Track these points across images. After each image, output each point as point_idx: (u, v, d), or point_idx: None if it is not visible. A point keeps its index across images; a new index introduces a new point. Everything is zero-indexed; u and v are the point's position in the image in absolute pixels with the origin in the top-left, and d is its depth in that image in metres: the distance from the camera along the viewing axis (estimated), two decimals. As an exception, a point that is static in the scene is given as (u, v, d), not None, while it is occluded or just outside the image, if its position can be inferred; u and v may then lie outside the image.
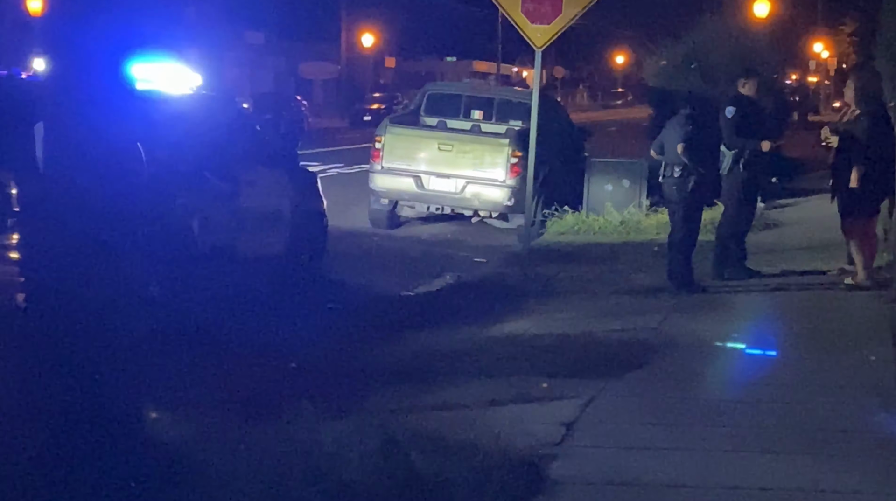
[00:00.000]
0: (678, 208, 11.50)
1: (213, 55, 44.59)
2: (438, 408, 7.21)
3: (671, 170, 11.42)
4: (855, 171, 11.08)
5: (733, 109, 11.91)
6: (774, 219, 17.43)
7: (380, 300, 11.59)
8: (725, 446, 6.58)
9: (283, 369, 8.28)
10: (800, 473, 6.11)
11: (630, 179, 17.73)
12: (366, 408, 7.01)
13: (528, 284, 12.01)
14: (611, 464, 6.24)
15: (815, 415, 7.27)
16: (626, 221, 16.91)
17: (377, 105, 51.98)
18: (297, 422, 6.28)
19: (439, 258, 14.86)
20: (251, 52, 60.18)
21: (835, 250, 12.56)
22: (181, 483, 5.40)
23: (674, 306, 10.78)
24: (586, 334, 9.39)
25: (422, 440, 6.21)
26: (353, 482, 5.52)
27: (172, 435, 5.93)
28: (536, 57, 12.61)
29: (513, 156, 16.61)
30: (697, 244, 11.73)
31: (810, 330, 9.95)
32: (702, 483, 5.99)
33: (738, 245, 12.24)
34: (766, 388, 7.98)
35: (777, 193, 19.96)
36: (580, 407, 7.29)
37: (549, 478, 5.94)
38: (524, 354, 8.71)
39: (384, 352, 8.91)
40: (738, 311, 10.79)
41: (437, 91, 19.83)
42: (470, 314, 10.55)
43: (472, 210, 17.37)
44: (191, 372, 7.76)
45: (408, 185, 17.07)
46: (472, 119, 18.68)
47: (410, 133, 17.62)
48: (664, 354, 8.86)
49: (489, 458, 5.96)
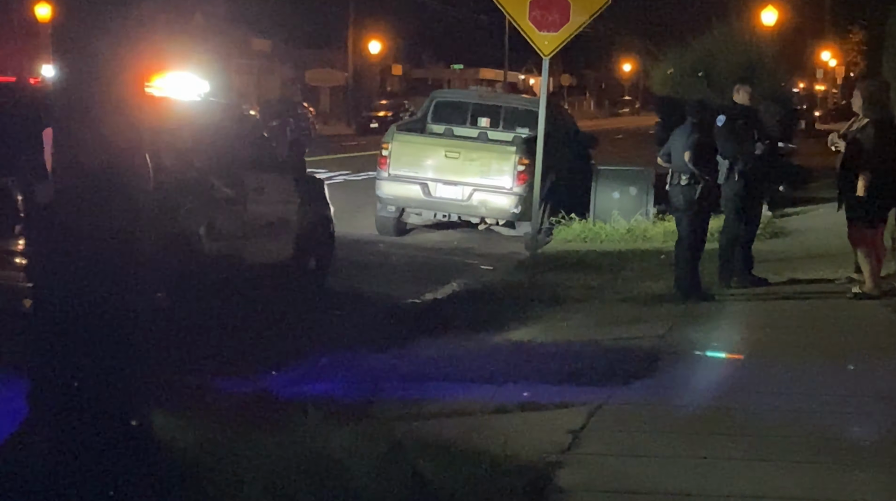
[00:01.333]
0: (685, 216, 11.49)
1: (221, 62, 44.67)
2: (445, 415, 7.19)
3: (678, 178, 11.43)
4: (861, 180, 11.08)
5: (723, 118, 12.01)
6: (782, 227, 17.41)
7: (387, 306, 11.59)
8: (733, 454, 6.56)
9: (290, 375, 8.28)
10: (806, 482, 6.08)
11: (637, 187, 17.75)
12: (372, 415, 7.01)
13: (534, 292, 12.00)
14: (618, 472, 6.22)
15: (823, 424, 7.25)
16: (633, 229, 16.92)
17: (384, 112, 52.06)
18: (304, 428, 6.28)
19: (446, 265, 14.87)
20: (258, 59, 60.31)
21: (842, 259, 12.55)
22: (187, 489, 5.40)
23: (681, 314, 10.77)
24: (593, 342, 9.38)
25: (428, 446, 6.20)
26: (360, 488, 5.52)
27: (178, 441, 5.93)
28: (544, 65, 12.59)
29: (520, 164, 16.62)
30: (704, 252, 11.72)
31: (818, 339, 9.93)
32: (709, 491, 5.97)
33: (744, 253, 12.25)
34: (773, 397, 7.95)
35: (784, 201, 19.95)
36: (587, 414, 7.27)
37: (556, 485, 5.92)
38: (531, 361, 8.70)
39: (389, 359, 8.90)
40: (745, 319, 10.77)
41: (444, 98, 19.86)
42: (477, 321, 10.54)
43: (478, 217, 17.39)
44: (196, 377, 7.77)
45: (415, 192, 17.09)
46: (479, 126, 18.71)
47: (417, 140, 17.64)
48: (671, 362, 8.85)
49: (496, 465, 5.96)
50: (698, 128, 11.41)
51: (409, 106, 52.67)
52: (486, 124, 18.71)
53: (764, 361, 9.09)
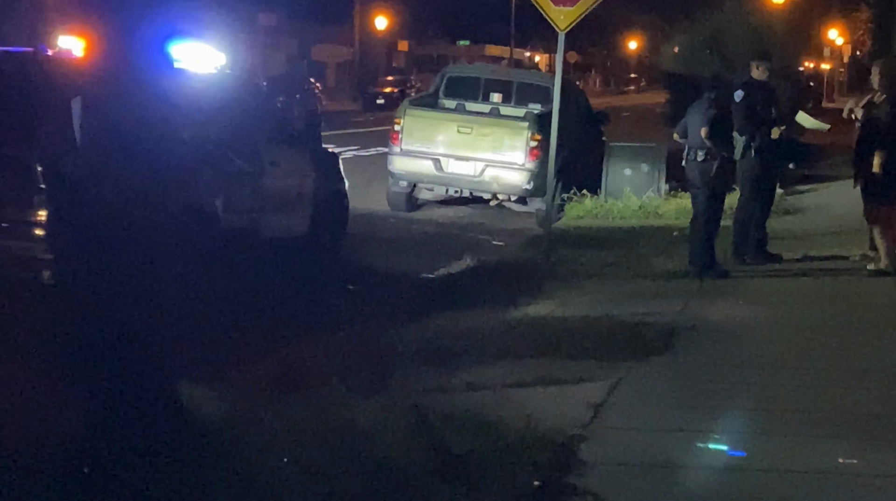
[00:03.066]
0: (701, 192, 11.46)
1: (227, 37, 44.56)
2: (466, 389, 7.21)
3: (694, 154, 11.39)
4: (878, 157, 11.07)
5: (742, 93, 11.94)
6: (794, 204, 17.38)
7: (400, 282, 11.61)
8: (752, 428, 6.58)
9: (309, 348, 8.29)
10: (827, 456, 6.11)
11: (649, 164, 17.71)
12: (394, 388, 7.03)
13: (548, 267, 12.00)
14: (639, 445, 6.24)
15: (840, 399, 7.27)
16: (645, 206, 16.89)
17: (390, 88, 51.93)
18: (330, 401, 6.30)
19: (458, 241, 14.87)
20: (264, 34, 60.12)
21: (857, 235, 12.54)
22: (215, 461, 5.42)
23: (696, 290, 10.78)
24: (610, 317, 9.38)
25: (452, 419, 6.23)
26: (386, 459, 5.54)
27: (204, 414, 5.95)
28: (560, 39, 12.56)
29: (532, 140, 16.59)
30: (720, 228, 11.71)
31: (833, 315, 9.94)
32: (730, 464, 6.01)
33: (758, 229, 12.24)
34: (791, 372, 7.98)
35: (795, 179, 19.92)
36: (608, 388, 7.29)
37: (578, 458, 5.94)
38: (549, 336, 8.71)
39: (408, 333, 8.90)
40: (760, 296, 10.77)
41: (456, 73, 19.81)
42: (492, 296, 10.55)
43: (490, 193, 17.36)
44: (217, 351, 7.78)
45: (427, 168, 17.06)
46: (492, 102, 18.66)
47: (429, 115, 17.60)
48: (689, 337, 8.86)
49: (521, 437, 5.99)
50: (715, 103, 11.37)
51: (415, 82, 52.55)
52: (498, 100, 18.65)
53: (780, 337, 9.11)
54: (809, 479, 5.81)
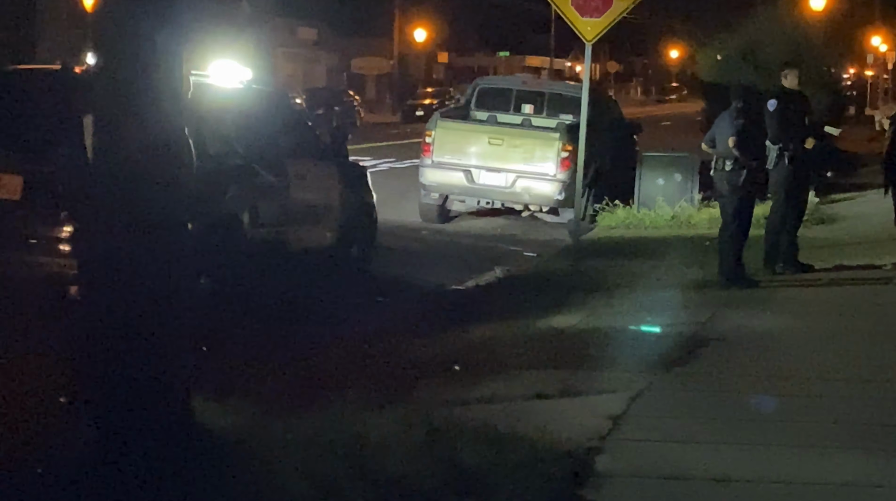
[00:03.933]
0: (729, 202, 11.40)
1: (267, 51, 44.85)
2: (486, 401, 7.19)
3: (722, 164, 11.34)
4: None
5: (775, 102, 11.87)
6: (828, 213, 17.25)
7: (429, 293, 11.62)
8: (775, 441, 6.51)
9: (331, 361, 8.31)
10: (850, 468, 6.03)
11: (682, 173, 17.65)
12: (413, 400, 7.02)
13: (577, 278, 11.97)
14: (658, 458, 6.19)
15: (868, 411, 7.18)
16: (678, 215, 16.83)
17: (430, 100, 52.05)
18: (345, 413, 6.31)
19: (489, 252, 14.88)
20: (304, 47, 60.48)
21: (889, 245, 12.42)
22: (229, 471, 5.44)
23: (724, 300, 10.70)
24: (635, 328, 9.34)
25: (469, 432, 6.21)
26: (400, 472, 5.53)
27: (219, 425, 5.97)
28: (587, 50, 12.57)
29: (563, 150, 16.57)
30: (749, 238, 11.63)
31: (862, 326, 9.83)
32: (750, 477, 5.93)
33: (789, 239, 12.15)
34: (817, 383, 7.89)
35: (832, 188, 19.76)
36: (628, 400, 7.24)
37: (595, 471, 5.90)
38: (572, 347, 8.68)
39: (432, 345, 8.91)
40: (789, 306, 10.68)
41: (487, 85, 19.83)
42: (519, 307, 10.53)
43: (522, 204, 17.36)
44: (239, 362, 7.82)
45: (458, 180, 17.09)
46: (523, 113, 18.66)
47: (461, 127, 17.63)
48: (714, 348, 8.80)
49: (536, 450, 5.96)
50: (743, 113, 11.31)
51: (454, 93, 52.63)
52: (529, 111, 18.66)
53: (807, 348, 9.02)
54: (831, 491, 5.73)
